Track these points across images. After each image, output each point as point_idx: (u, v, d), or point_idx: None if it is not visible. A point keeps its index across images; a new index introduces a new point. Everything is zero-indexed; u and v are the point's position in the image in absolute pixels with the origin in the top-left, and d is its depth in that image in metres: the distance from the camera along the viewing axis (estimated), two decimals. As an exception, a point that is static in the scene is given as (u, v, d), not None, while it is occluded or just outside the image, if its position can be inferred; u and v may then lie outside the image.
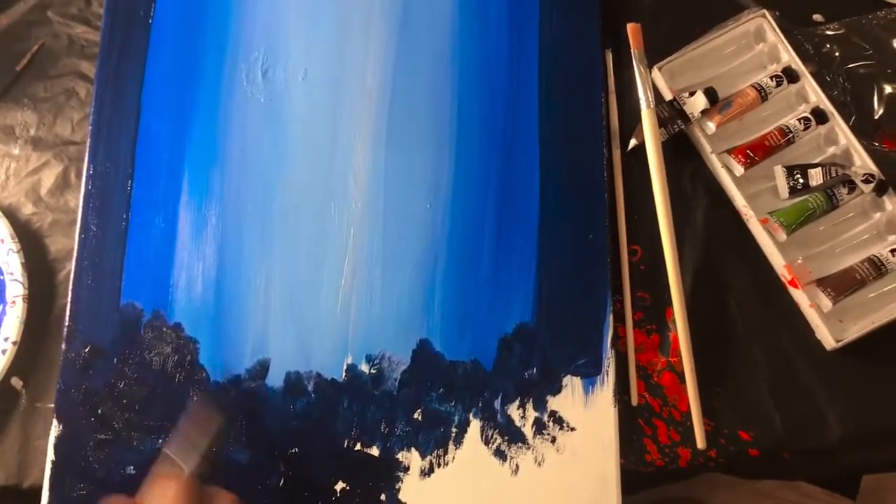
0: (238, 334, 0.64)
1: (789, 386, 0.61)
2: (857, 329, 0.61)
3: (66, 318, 0.65)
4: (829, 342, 0.61)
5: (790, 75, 0.66)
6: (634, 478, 0.62)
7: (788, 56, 0.66)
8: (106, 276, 0.66)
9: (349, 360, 0.63)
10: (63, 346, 0.64)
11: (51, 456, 0.63)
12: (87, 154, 0.68)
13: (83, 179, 0.68)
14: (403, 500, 0.61)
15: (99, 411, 0.63)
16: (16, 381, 0.66)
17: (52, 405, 0.64)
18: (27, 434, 0.65)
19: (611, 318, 0.63)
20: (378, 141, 0.67)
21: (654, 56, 0.67)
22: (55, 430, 0.63)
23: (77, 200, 0.68)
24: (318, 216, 0.66)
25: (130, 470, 0.62)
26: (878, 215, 0.64)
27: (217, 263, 0.66)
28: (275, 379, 0.63)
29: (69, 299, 0.65)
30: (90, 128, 0.68)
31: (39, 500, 0.62)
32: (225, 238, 0.66)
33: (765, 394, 0.61)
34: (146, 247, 0.66)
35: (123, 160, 0.68)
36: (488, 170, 0.66)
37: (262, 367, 0.64)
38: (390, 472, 0.62)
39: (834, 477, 0.75)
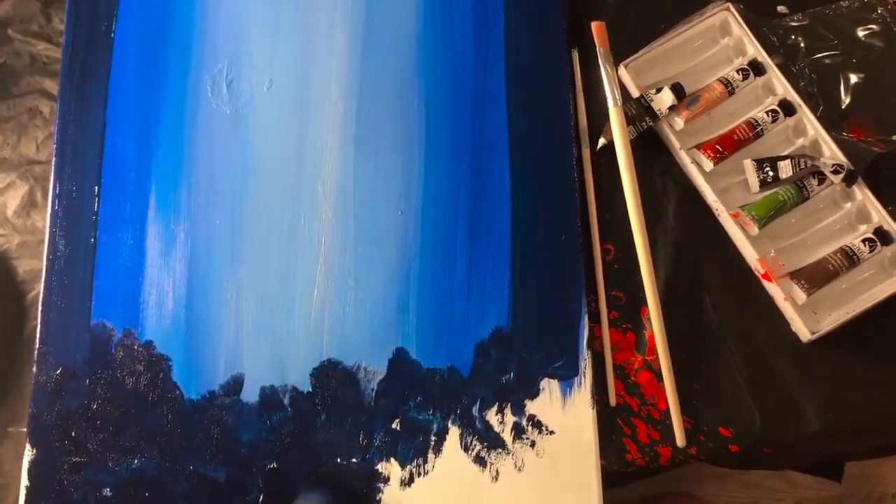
0: (210, 350, 0.64)
1: (766, 380, 0.61)
2: (831, 320, 0.61)
3: (37, 340, 0.64)
4: (804, 334, 0.61)
5: (756, 68, 0.66)
6: (617, 477, 0.62)
7: (754, 49, 0.66)
8: (75, 295, 0.65)
9: (324, 372, 0.63)
10: (34, 369, 0.63)
11: (25, 481, 0.62)
12: (52, 173, 0.67)
13: (49, 199, 0.67)
14: (384, 511, 0.60)
15: (73, 434, 0.63)
16: (-13, 407, 0.65)
17: (25, 429, 0.63)
18: (0, 460, 0.64)
19: (586, 318, 0.63)
20: (346, 149, 0.66)
21: (620, 54, 0.67)
22: (28, 454, 0.62)
23: (44, 221, 0.67)
24: (288, 227, 0.65)
25: (107, 492, 0.62)
26: (848, 205, 0.63)
27: (187, 279, 0.65)
28: (249, 394, 0.63)
29: (39, 321, 0.64)
30: (55, 146, 0.67)
31: (15, 526, 0.61)
32: (194, 253, 0.65)
33: (742, 389, 0.61)
34: (115, 265, 0.66)
35: (89, 178, 0.67)
36: (458, 175, 0.66)
37: (237, 383, 0.63)
38: (370, 484, 0.61)
39: (817, 463, 0.75)
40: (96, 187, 0.67)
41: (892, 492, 1.36)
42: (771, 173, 0.63)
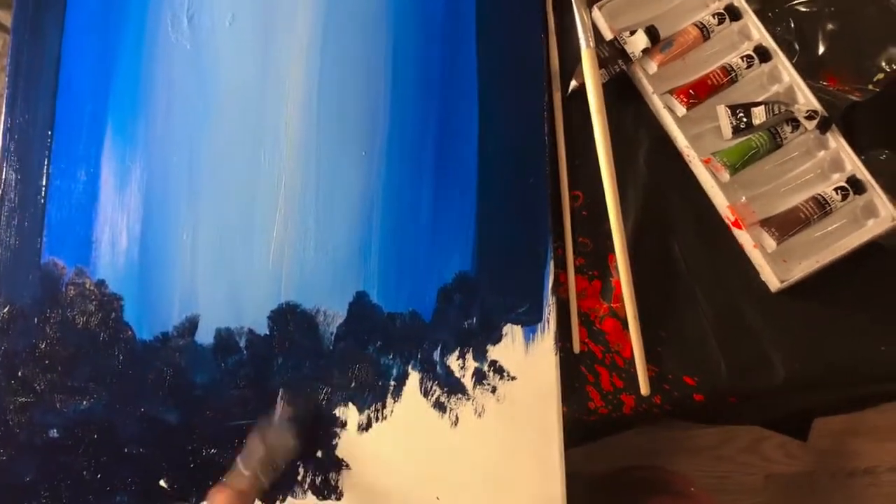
0: (165, 290, 0.62)
1: (734, 329, 0.60)
2: (801, 269, 0.59)
3: (-16, 277, 0.62)
4: (773, 283, 0.60)
5: (732, 13, 0.64)
6: (580, 429, 0.61)
7: (731, -6, 0.65)
8: (25, 233, 0.63)
9: (282, 315, 0.61)
10: (-20, 307, 0.61)
11: (-31, 421, 0.60)
12: (3, 107, 0.65)
13: (0, 133, 0.64)
14: (340, 456, 0.59)
15: (19, 373, 0.61)
16: (-68, 346, 0.62)
17: (-30, 369, 0.61)
18: (-56, 399, 0.62)
19: (552, 264, 0.61)
20: (310, 86, 0.64)
21: (594, -4, 0.65)
22: (-27, 394, 0.60)
23: (-6, 156, 0.64)
24: (247, 165, 0.63)
25: (53, 433, 0.60)
26: (821, 153, 0.62)
27: (142, 217, 0.63)
28: (204, 335, 0.61)
29: (-13, 258, 0.62)
30: (7, 79, 0.65)
31: (-42, 467, 0.59)
32: (150, 190, 0.63)
33: (709, 337, 0.60)
34: (68, 202, 0.63)
35: (43, 112, 0.65)
36: (426, 115, 0.64)
37: (191, 324, 0.61)
38: (327, 428, 0.59)
39: (784, 421, 0.74)
40: (50, 121, 0.65)
41: (864, 466, 1.36)
42: (744, 119, 0.61)
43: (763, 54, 0.63)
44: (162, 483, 0.59)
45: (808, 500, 1.35)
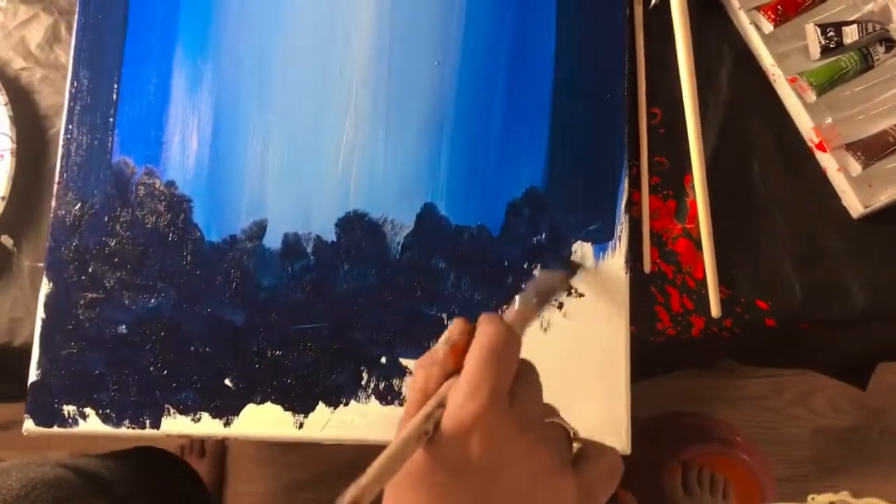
0: (234, 193, 0.62)
1: (812, 254, 0.58)
2: (887, 195, 0.57)
3: (56, 174, 0.62)
4: (856, 208, 0.58)
5: (828, -74, 0.61)
6: (646, 349, 0.60)
7: None
8: (97, 131, 0.63)
9: (349, 223, 0.61)
10: (53, 204, 0.62)
11: (41, 314, 0.61)
12: (77, 5, 0.64)
13: (73, 32, 0.64)
14: (404, 364, 0.59)
15: (90, 270, 0.61)
16: (6, 240, 0.63)
17: (43, 264, 0.61)
18: (18, 292, 0.63)
19: (626, 182, 0.60)
20: (384, -8, 0.63)
21: None
22: (45, 288, 0.61)
23: (67, 55, 0.64)
24: (319, 71, 0.62)
25: (122, 329, 0.60)
26: (916, 76, 0.60)
27: (213, 120, 0.63)
28: (272, 240, 0.61)
29: (59, 155, 0.63)
30: (80, -22, 0.65)
31: (30, 358, 0.60)
32: (221, 93, 0.63)
33: (786, 262, 0.58)
34: (139, 102, 0.63)
35: (116, 12, 0.65)
36: (501, 23, 0.62)
37: (259, 228, 0.61)
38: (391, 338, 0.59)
39: (847, 362, 0.72)
40: (123, 21, 0.64)
41: (911, 426, 1.34)
42: (835, 38, 0.59)
43: (859, -30, 0.60)
44: (227, 382, 0.59)
45: (855, 457, 1.33)
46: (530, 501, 0.34)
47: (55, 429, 0.60)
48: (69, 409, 0.60)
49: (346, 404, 0.58)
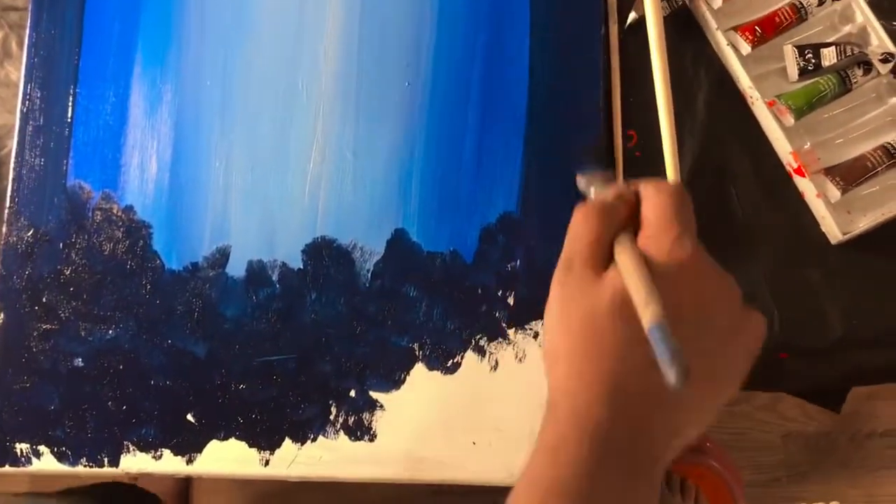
0: (196, 219, 0.59)
1: (790, 281, 0.57)
2: (866, 221, 0.56)
3: (7, 199, 0.59)
4: (835, 235, 0.57)
5: (805, -54, 0.60)
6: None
7: (804, -75, 0.60)
8: (51, 154, 0.60)
9: (317, 249, 0.58)
10: (4, 230, 0.59)
11: (-8, 346, 0.58)
12: (28, 20, 0.61)
13: (25, 49, 0.61)
14: (374, 398, 0.57)
15: (44, 299, 0.58)
16: (-47, 268, 0.60)
17: (-7, 297, 0.59)
18: (-34, 323, 0.60)
19: (601, 207, 0.58)
20: (351, 9, 0.61)
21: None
22: (-4, 318, 0.58)
23: (18, 72, 0.61)
24: (284, 92, 0.60)
25: (78, 362, 0.58)
26: (894, 100, 0.59)
27: (173, 142, 0.60)
28: (235, 268, 0.58)
29: (10, 178, 0.60)
30: (32, -9, 0.61)
31: (-20, 392, 0.57)
32: (181, 115, 0.60)
33: (763, 288, 0.57)
34: (95, 123, 0.61)
35: (70, 28, 0.62)
36: (473, 44, 0.60)
37: (222, 255, 0.59)
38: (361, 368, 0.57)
39: (823, 388, 0.72)
40: (77, 37, 0.61)
41: (882, 429, 1.35)
42: (813, 60, 0.58)
43: (836, -9, 0.59)
44: (189, 417, 0.57)
45: (826, 461, 1.34)
46: (735, 335, 0.36)
47: (7, 468, 0.57)
48: (22, 447, 0.57)
49: (314, 440, 0.56)
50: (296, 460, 0.56)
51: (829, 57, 0.57)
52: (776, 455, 1.35)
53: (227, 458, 0.56)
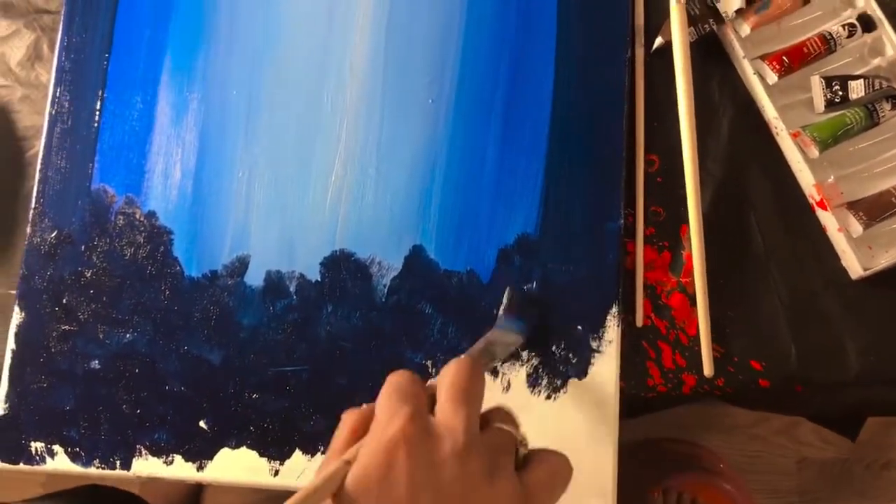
0: (217, 227, 0.60)
1: (808, 315, 0.57)
2: (888, 258, 0.56)
3: (33, 199, 0.60)
4: (855, 270, 0.56)
5: (837, -24, 0.59)
6: (638, 403, 0.58)
7: (837, -45, 0.60)
8: (77, 157, 0.61)
9: (335, 262, 0.59)
10: (28, 230, 0.60)
11: (11, 345, 0.59)
12: (61, 24, 0.62)
13: (56, 52, 0.62)
14: (385, 413, 0.57)
15: (64, 301, 0.59)
16: (-23, 265, 0.61)
17: (15, 292, 0.59)
18: (-13, 321, 0.61)
19: (620, 232, 0.58)
20: (378, 26, 0.61)
21: (688, -51, 0.60)
22: (16, 317, 0.59)
23: (49, 74, 0.62)
24: (309, 105, 0.60)
25: (95, 364, 0.58)
26: (921, 136, 0.58)
27: (197, 150, 0.61)
28: (254, 277, 0.59)
29: (36, 180, 0.61)
30: (65, -5, 0.62)
31: (-2, 390, 0.58)
32: (207, 123, 0.61)
33: (781, 321, 0.57)
34: (121, 128, 0.61)
35: (101, 33, 0.62)
36: (497, 64, 0.60)
37: (241, 264, 0.59)
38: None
39: (839, 415, 0.71)
40: (107, 43, 0.62)
41: (899, 458, 1.33)
42: (840, 93, 0.57)
43: (867, 23, 0.58)
44: (202, 424, 0.57)
45: (841, 488, 1.32)
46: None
47: (21, 466, 0.58)
48: (37, 445, 0.58)
49: (325, 452, 0.57)
50: (305, 472, 0.56)
51: (856, 90, 0.57)
52: (791, 480, 1.34)
53: (237, 466, 0.57)
